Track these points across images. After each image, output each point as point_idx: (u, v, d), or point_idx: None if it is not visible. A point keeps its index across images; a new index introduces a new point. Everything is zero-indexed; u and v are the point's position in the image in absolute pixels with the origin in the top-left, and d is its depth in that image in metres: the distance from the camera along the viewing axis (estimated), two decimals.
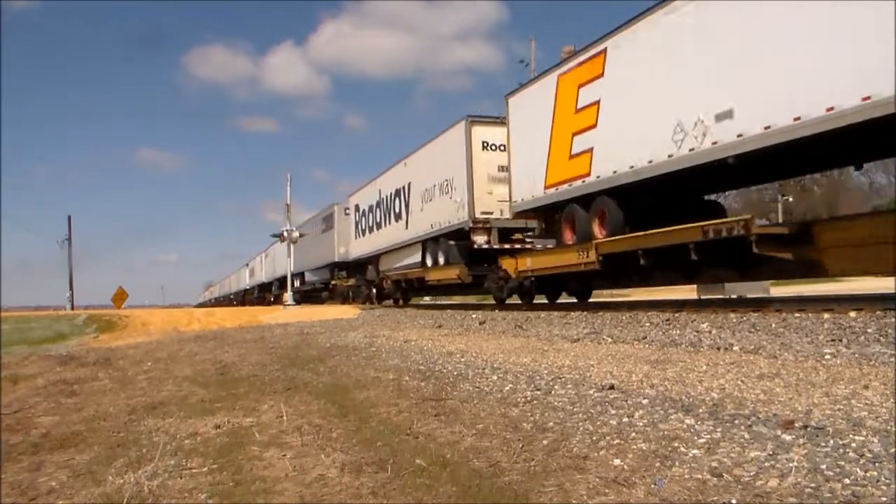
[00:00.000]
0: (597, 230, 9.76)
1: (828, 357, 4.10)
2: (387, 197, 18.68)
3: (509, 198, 12.22)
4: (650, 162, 8.35)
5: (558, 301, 13.25)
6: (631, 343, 5.73)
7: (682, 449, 2.36)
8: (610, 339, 6.10)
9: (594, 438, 2.61)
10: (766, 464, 2.12)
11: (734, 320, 6.15)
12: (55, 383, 5.66)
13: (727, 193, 9.19)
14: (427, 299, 26.14)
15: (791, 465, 2.08)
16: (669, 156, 8.00)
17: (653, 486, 2.02)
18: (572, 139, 10.11)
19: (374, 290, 20.47)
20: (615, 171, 9.08)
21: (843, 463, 2.05)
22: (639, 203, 9.16)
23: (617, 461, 2.30)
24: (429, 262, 15.63)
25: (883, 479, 1.90)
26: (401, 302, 19.75)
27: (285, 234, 25.12)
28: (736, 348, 4.79)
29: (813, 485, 1.90)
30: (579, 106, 9.95)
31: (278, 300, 28.68)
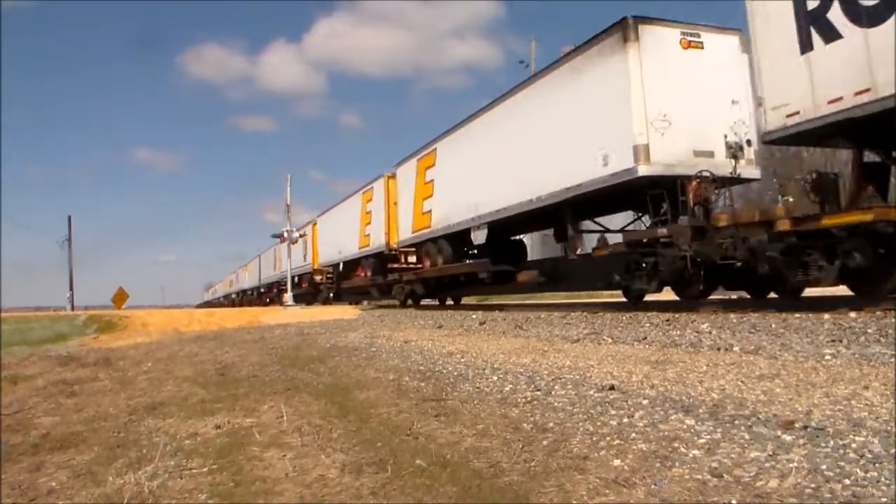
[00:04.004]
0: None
1: (828, 357, 4.10)
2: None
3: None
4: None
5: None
6: (631, 343, 5.73)
7: (683, 449, 2.36)
8: (610, 340, 6.10)
9: (594, 439, 2.61)
10: (767, 464, 2.12)
11: (734, 321, 6.15)
12: (55, 384, 5.66)
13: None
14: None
15: (791, 465, 2.08)
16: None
17: (653, 486, 2.02)
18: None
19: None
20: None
21: (843, 463, 2.05)
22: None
23: (617, 461, 2.30)
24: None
25: (883, 479, 1.90)
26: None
27: (285, 234, 25.12)
28: (736, 349, 4.79)
29: (813, 485, 1.90)
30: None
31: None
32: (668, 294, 18.07)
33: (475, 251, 14.28)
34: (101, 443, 3.25)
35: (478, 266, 13.89)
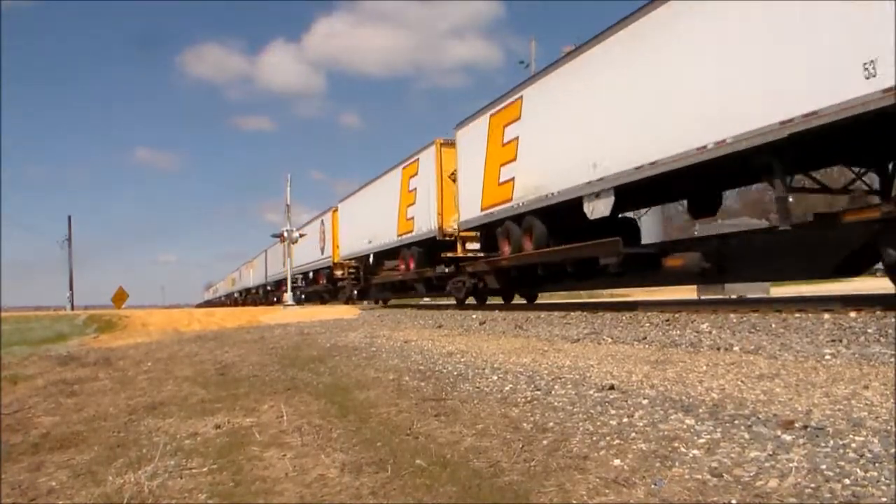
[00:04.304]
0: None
1: (828, 357, 4.10)
2: None
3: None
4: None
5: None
6: (631, 343, 5.73)
7: (682, 449, 2.36)
8: (610, 340, 6.10)
9: (594, 438, 2.61)
10: (766, 464, 2.12)
11: (734, 320, 6.15)
12: (55, 383, 5.66)
13: (726, 193, 9.11)
14: (427, 300, 25.48)
15: (791, 465, 2.08)
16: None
17: (653, 486, 2.02)
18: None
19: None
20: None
21: (843, 463, 2.05)
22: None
23: (617, 461, 2.30)
24: None
25: (883, 479, 1.90)
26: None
27: (285, 234, 25.13)
28: (736, 349, 4.79)
29: (813, 485, 1.90)
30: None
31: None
32: (668, 293, 17.94)
33: (559, 234, 10.52)
34: (101, 442, 3.25)
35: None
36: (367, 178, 20.34)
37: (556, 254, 10.58)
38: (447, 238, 14.63)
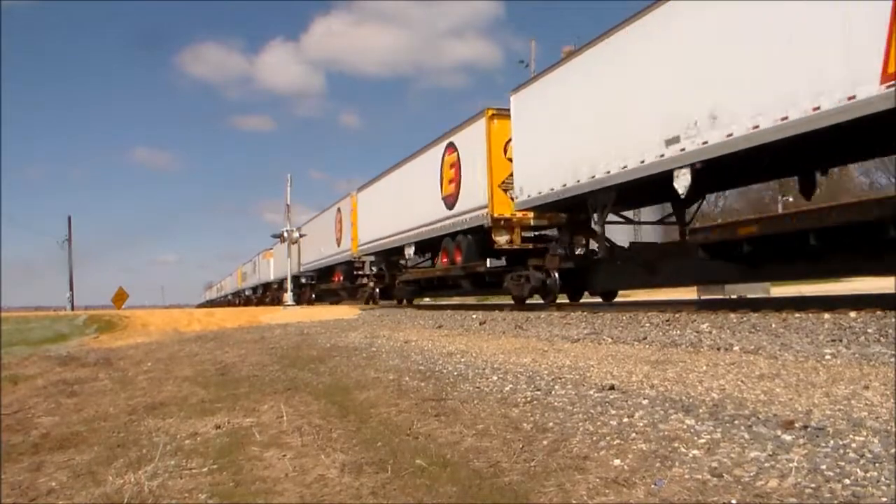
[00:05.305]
0: None
1: (828, 357, 4.10)
2: None
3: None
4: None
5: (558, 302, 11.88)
6: (631, 343, 5.73)
7: (683, 449, 2.36)
8: (610, 340, 6.10)
9: (594, 439, 2.61)
10: (767, 464, 2.12)
11: (734, 321, 6.15)
12: (55, 383, 5.66)
13: (726, 193, 8.40)
14: (427, 300, 25.18)
15: (791, 465, 2.08)
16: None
17: (653, 486, 2.02)
18: None
19: None
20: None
21: (843, 463, 2.05)
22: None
23: (617, 461, 2.30)
24: None
25: (883, 479, 1.90)
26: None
27: (285, 234, 25.14)
28: (736, 349, 4.79)
29: (813, 485, 1.90)
30: None
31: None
32: (668, 294, 17.96)
33: None
34: (101, 443, 3.25)
35: None
36: (366, 178, 18.79)
37: None
38: None
